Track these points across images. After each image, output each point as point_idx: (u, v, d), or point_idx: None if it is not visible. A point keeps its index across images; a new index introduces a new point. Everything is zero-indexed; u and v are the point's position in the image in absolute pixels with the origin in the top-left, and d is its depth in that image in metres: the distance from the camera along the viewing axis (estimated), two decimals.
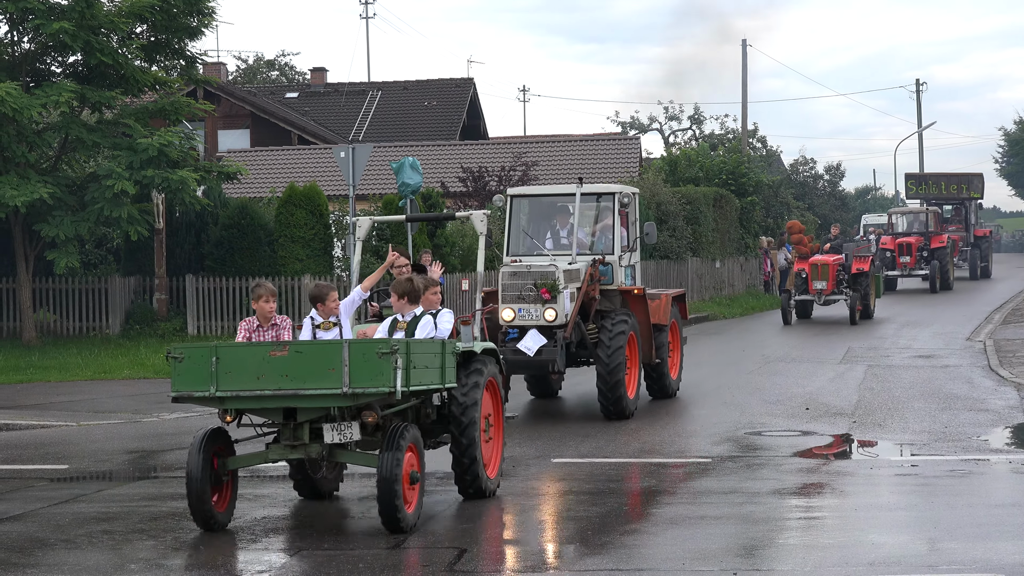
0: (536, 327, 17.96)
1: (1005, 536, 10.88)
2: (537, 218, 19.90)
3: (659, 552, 10.53)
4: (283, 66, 77.42)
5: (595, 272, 18.72)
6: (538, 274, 18.07)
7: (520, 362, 17.98)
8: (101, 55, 27.32)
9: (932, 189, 56.92)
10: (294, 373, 10.85)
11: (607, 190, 19.59)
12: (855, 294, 33.64)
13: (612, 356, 17.97)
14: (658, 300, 19.91)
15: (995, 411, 18.43)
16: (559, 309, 17.88)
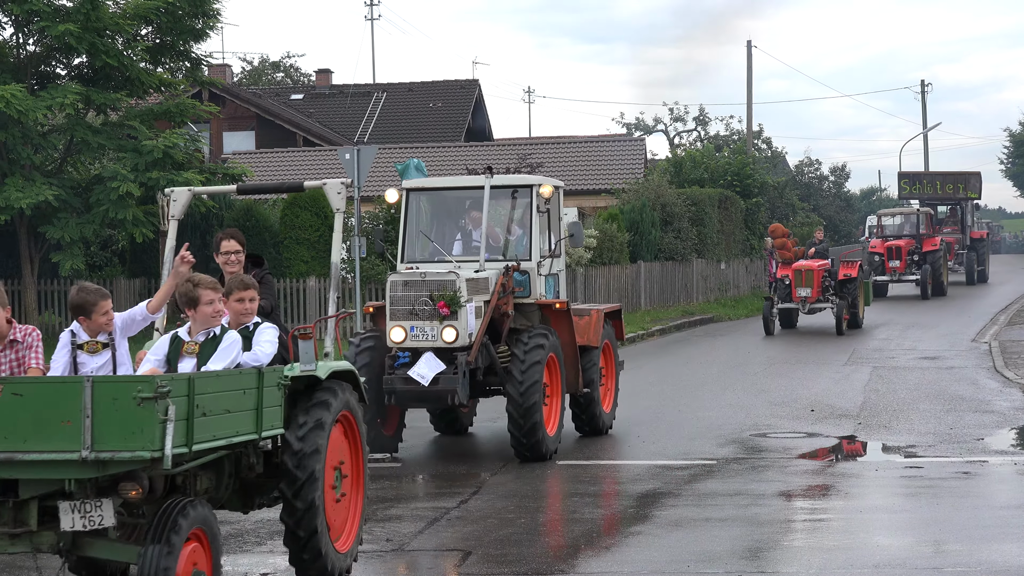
0: (432, 350, 14.87)
1: (1010, 538, 10.88)
2: (442, 217, 16.89)
3: (664, 554, 10.52)
4: (288, 68, 77.45)
5: (508, 282, 15.58)
6: (435, 284, 14.91)
7: (412, 393, 14.95)
8: (106, 57, 27.34)
9: (927, 189, 53.91)
10: (8, 426, 7.36)
11: (523, 182, 16.63)
12: (842, 302, 31.38)
13: (526, 383, 14.90)
14: (587, 317, 16.89)
15: (1001, 413, 18.42)
16: (461, 327, 14.82)
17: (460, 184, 17.48)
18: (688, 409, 19.50)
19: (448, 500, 12.99)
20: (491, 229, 16.43)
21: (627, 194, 42.73)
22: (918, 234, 46.56)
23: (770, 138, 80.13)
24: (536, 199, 16.18)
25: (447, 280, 14.95)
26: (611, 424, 17.41)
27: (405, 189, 16.61)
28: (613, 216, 38.72)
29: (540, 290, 16.16)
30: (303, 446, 8.98)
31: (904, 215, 49.00)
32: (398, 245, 16.50)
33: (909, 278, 45.16)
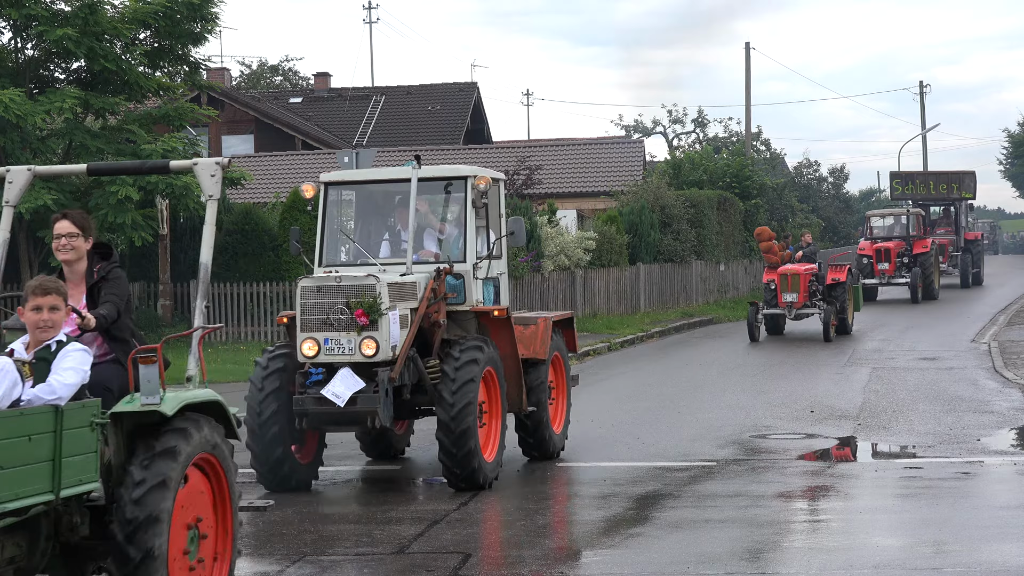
0: (350, 365, 13.17)
1: (1010, 538, 10.88)
2: (368, 215, 15.27)
3: (664, 556, 10.52)
4: (287, 71, 77.50)
5: (439, 287, 13.84)
6: (352, 289, 13.14)
7: (326, 415, 13.26)
8: (105, 61, 27.34)
9: (920, 189, 51.91)
10: None
11: (456, 173, 14.63)
12: (829, 307, 29.98)
13: (458, 404, 13.16)
14: (532, 326, 15.15)
15: (1000, 413, 18.42)
16: (382, 339, 13.07)
17: (384, 176, 15.59)
18: (688, 410, 19.50)
19: (448, 502, 12.99)
20: (429, 217, 14.86)
21: (626, 196, 42.77)
22: (908, 236, 45.15)
23: (769, 140, 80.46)
24: (471, 192, 14.22)
25: (366, 284, 13.17)
26: (563, 447, 15.73)
27: (323, 182, 14.86)
28: (612, 218, 38.74)
29: (477, 296, 14.36)
30: (137, 513, 7.14)
31: (894, 216, 47.36)
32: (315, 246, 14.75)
33: (899, 281, 43.81)
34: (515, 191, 39.60)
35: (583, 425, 18.21)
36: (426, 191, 14.64)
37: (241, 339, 29.67)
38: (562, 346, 15.97)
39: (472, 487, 13.45)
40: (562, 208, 40.40)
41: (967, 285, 49.80)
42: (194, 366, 8.11)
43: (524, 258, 32.08)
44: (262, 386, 13.54)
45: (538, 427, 15.15)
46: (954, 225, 51.98)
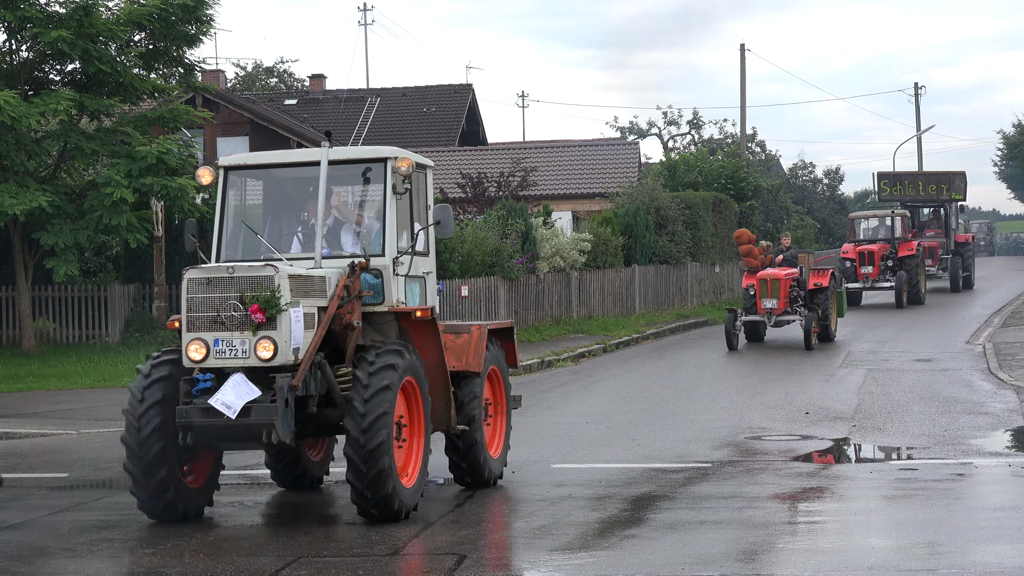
0: (243, 370, 11.52)
1: (1005, 539, 10.89)
2: (278, 208, 13.48)
3: (659, 557, 10.52)
4: (282, 73, 77.49)
5: (354, 284, 12.26)
6: (246, 282, 11.55)
7: (214, 429, 11.53)
8: (99, 63, 27.33)
9: (908, 190, 50.08)
10: None
11: (373, 155, 12.98)
12: (811, 314, 28.75)
13: (370, 416, 11.47)
14: (465, 335, 13.62)
15: (995, 414, 18.44)
16: (281, 339, 11.47)
17: (292, 159, 13.50)
18: (683, 412, 19.51)
19: (443, 503, 12.99)
20: (346, 210, 13.25)
21: (621, 198, 42.80)
22: (893, 238, 43.74)
23: (764, 141, 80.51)
24: (391, 177, 12.58)
25: (263, 276, 11.55)
26: (500, 473, 14.12)
27: (222, 167, 13.11)
28: (607, 220, 38.77)
29: (398, 296, 12.69)
30: None
31: (879, 218, 45.89)
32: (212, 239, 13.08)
33: (883, 285, 42.49)
34: (510, 193, 39.61)
35: (578, 426, 18.21)
36: (343, 178, 13.13)
37: None
38: (501, 359, 14.34)
39: (386, 517, 11.78)
40: (557, 210, 40.43)
41: (957, 289, 48.30)
42: None
43: (519, 260, 32.09)
44: (143, 397, 11.84)
45: (471, 449, 13.50)
46: (944, 227, 50.28)
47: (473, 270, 30.98)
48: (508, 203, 34.71)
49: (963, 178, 50.95)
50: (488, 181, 40.43)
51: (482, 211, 37.21)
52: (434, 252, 13.75)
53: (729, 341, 28.73)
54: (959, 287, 48.42)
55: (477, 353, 13.58)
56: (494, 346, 14.14)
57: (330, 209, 12.92)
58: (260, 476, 14.81)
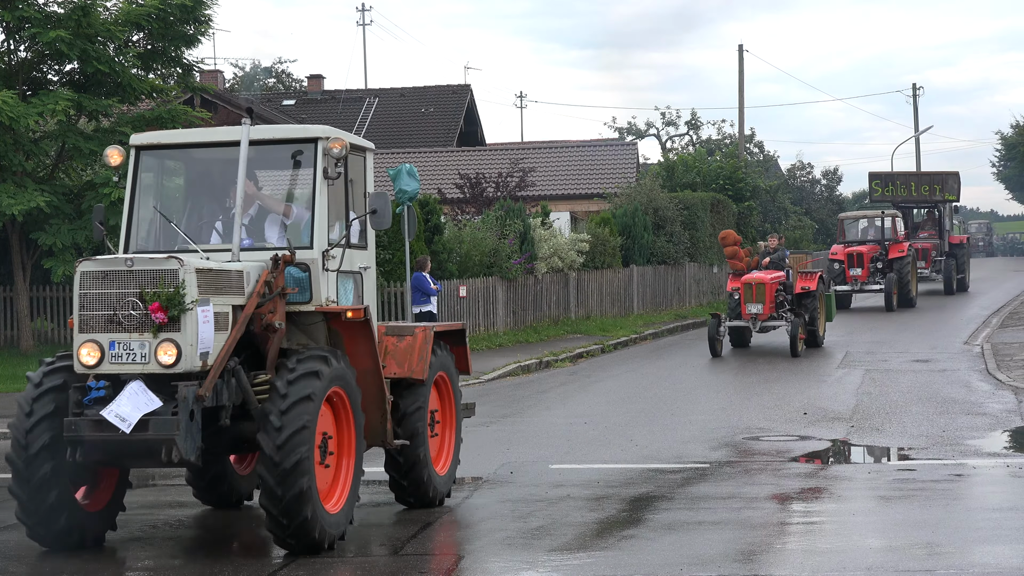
0: (142, 377, 10.21)
1: (1003, 540, 10.89)
2: (200, 191, 12.15)
3: (657, 558, 10.53)
4: (280, 73, 77.52)
5: (277, 280, 10.98)
6: (146, 276, 10.27)
7: (105, 445, 10.22)
8: (98, 63, 27.31)
9: (901, 191, 48.48)
10: None
11: (302, 134, 11.66)
12: (797, 319, 27.38)
13: (287, 431, 10.22)
14: (409, 338, 12.36)
15: (993, 415, 18.44)
16: (185, 342, 10.18)
17: (210, 139, 12.13)
18: (681, 412, 19.52)
19: (441, 505, 12.98)
20: (272, 197, 11.94)
21: (619, 198, 42.82)
22: (883, 239, 42.30)
23: (762, 142, 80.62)
24: (322, 160, 11.34)
25: (165, 270, 10.24)
26: (448, 492, 13.04)
27: (133, 146, 11.86)
28: (605, 220, 38.78)
29: (328, 294, 11.36)
30: None
31: (868, 219, 44.40)
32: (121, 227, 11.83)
33: (872, 288, 41.17)
34: (509, 193, 39.62)
35: (576, 426, 18.22)
36: (270, 161, 11.96)
37: None
38: (450, 366, 13.12)
39: (305, 546, 10.52)
40: (555, 210, 40.44)
41: (951, 292, 46.88)
42: None
43: (518, 260, 32.09)
44: (31, 409, 10.50)
45: (413, 466, 12.34)
46: (938, 228, 49.00)
47: (471, 270, 30.98)
48: (506, 203, 34.71)
49: (956, 178, 49.75)
50: (486, 181, 40.45)
51: (480, 211, 37.22)
52: (373, 245, 12.39)
53: (712, 347, 27.49)
54: (953, 289, 47.16)
55: (421, 359, 12.28)
56: (442, 351, 12.87)
57: (254, 195, 11.67)
58: None
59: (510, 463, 15.21)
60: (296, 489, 10.21)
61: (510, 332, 31.64)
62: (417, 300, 26.89)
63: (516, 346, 29.88)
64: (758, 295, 27.65)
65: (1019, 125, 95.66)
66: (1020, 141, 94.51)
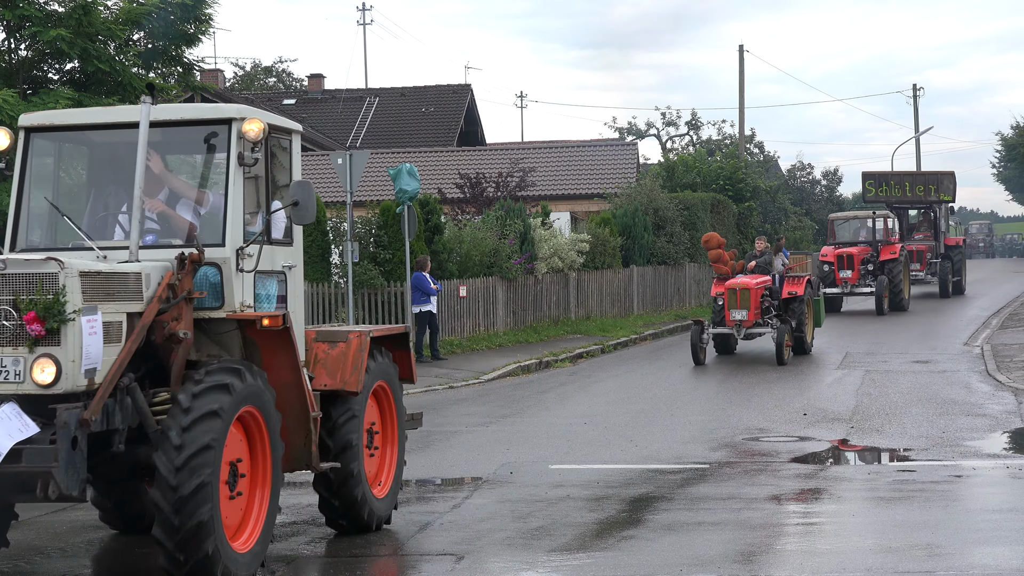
0: (15, 398, 8.83)
1: (1003, 541, 10.89)
2: (104, 179, 10.78)
3: (656, 558, 10.52)
4: (280, 73, 77.50)
5: (182, 282, 9.62)
6: (21, 280, 8.93)
7: None
8: (98, 62, 27.29)
9: (895, 191, 46.71)
10: None
11: (214, 114, 10.33)
12: (784, 326, 26.24)
13: (186, 452, 8.90)
14: (341, 345, 11.11)
15: (993, 416, 18.44)
16: (66, 358, 8.84)
17: (110, 119, 10.65)
18: (681, 413, 19.51)
19: (441, 504, 12.99)
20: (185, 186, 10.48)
21: (619, 198, 42.82)
22: (875, 241, 41.21)
23: (762, 142, 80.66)
24: (236, 144, 10.04)
25: (42, 273, 8.88)
26: (388, 516, 11.77)
27: (22, 127, 10.59)
28: (606, 220, 38.78)
29: (244, 297, 10.01)
30: None
31: (860, 219, 43.20)
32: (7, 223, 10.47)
33: (863, 290, 39.95)
34: (509, 193, 39.62)
35: (576, 427, 18.21)
36: (182, 145, 10.69)
37: None
38: (392, 374, 11.88)
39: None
40: (555, 210, 40.44)
41: (946, 295, 45.49)
42: None
43: (518, 260, 32.09)
44: None
45: (345, 483, 11.11)
46: (933, 230, 47.56)
47: (471, 271, 30.98)
48: (506, 203, 34.71)
49: (952, 178, 48.31)
50: (486, 181, 40.44)
51: (480, 211, 37.21)
52: (300, 241, 11.06)
53: (695, 355, 26.13)
54: (948, 292, 45.78)
55: (355, 368, 11.01)
56: (382, 357, 11.65)
57: (166, 182, 10.33)
58: None
59: (510, 463, 15.21)
60: (196, 519, 8.86)
61: (510, 332, 31.64)
62: (417, 300, 26.91)
63: (516, 346, 29.87)
64: (742, 300, 26.40)
65: (1019, 126, 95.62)
66: (1020, 142, 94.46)
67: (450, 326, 29.60)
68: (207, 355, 9.88)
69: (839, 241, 41.95)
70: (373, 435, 11.70)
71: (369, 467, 11.55)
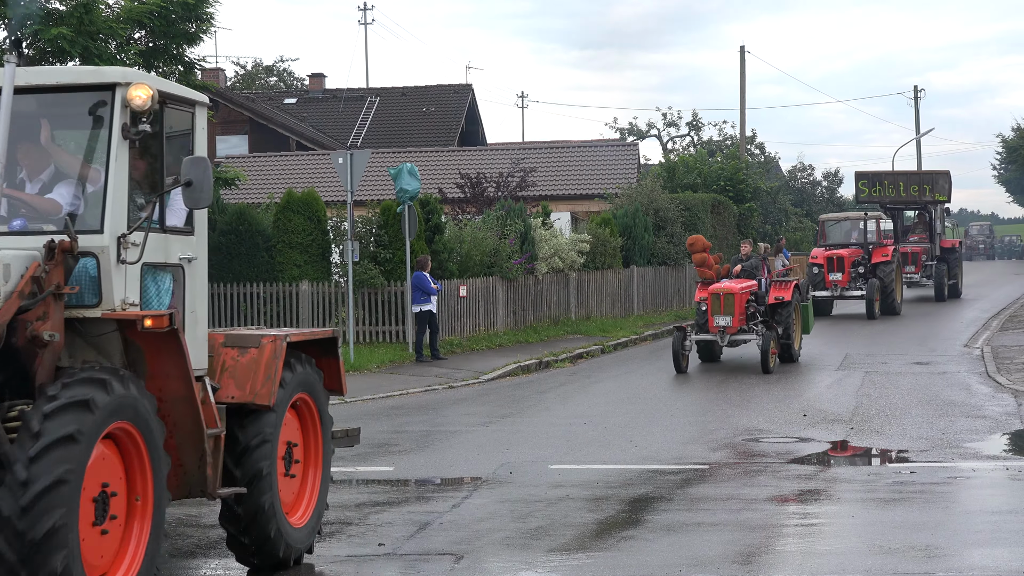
0: None
1: (1002, 543, 10.89)
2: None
3: (656, 559, 10.52)
4: (281, 72, 77.54)
5: (51, 274, 8.24)
6: None
7: None
8: (99, 61, 27.28)
9: (888, 191, 45.04)
10: None
11: (94, 79, 8.83)
12: (769, 332, 25.17)
13: (36, 478, 7.47)
14: (253, 350, 9.67)
15: (992, 418, 18.43)
16: None
17: None
18: (680, 413, 19.52)
19: (440, 504, 12.99)
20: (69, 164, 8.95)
21: (620, 199, 42.82)
22: (866, 242, 39.95)
23: (763, 143, 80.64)
24: (120, 113, 8.65)
25: None
26: (311, 547, 10.47)
27: None
28: (606, 221, 38.77)
29: (125, 294, 8.63)
30: None
31: (851, 220, 41.89)
32: None
33: (853, 294, 38.53)
34: (509, 193, 39.62)
35: (576, 427, 18.21)
36: (65, 116, 9.07)
37: None
38: (316, 385, 10.38)
39: None
40: (556, 210, 40.43)
41: (942, 298, 44.00)
42: None
43: (518, 260, 32.10)
44: None
45: (255, 519, 9.63)
46: (928, 231, 46.00)
47: (471, 270, 30.98)
48: (507, 203, 34.71)
49: (947, 178, 46.74)
50: (487, 181, 40.44)
51: (481, 211, 37.21)
52: (204, 230, 9.60)
53: (676, 363, 24.89)
54: (944, 296, 44.21)
55: (268, 378, 9.55)
56: (303, 366, 10.16)
57: (48, 158, 8.92)
58: None
59: (509, 463, 15.20)
60: (48, 570, 7.42)
61: (510, 332, 31.64)
62: (417, 299, 26.91)
63: (516, 346, 29.87)
64: (726, 306, 25.06)
65: (1020, 128, 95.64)
66: (1021, 144, 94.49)
67: (450, 326, 29.60)
68: (83, 361, 8.46)
69: (830, 243, 40.73)
70: (292, 454, 10.17)
71: (287, 492, 10.06)
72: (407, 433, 17.64)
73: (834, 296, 38.76)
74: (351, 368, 25.56)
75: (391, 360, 26.68)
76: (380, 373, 25.48)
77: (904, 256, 43.15)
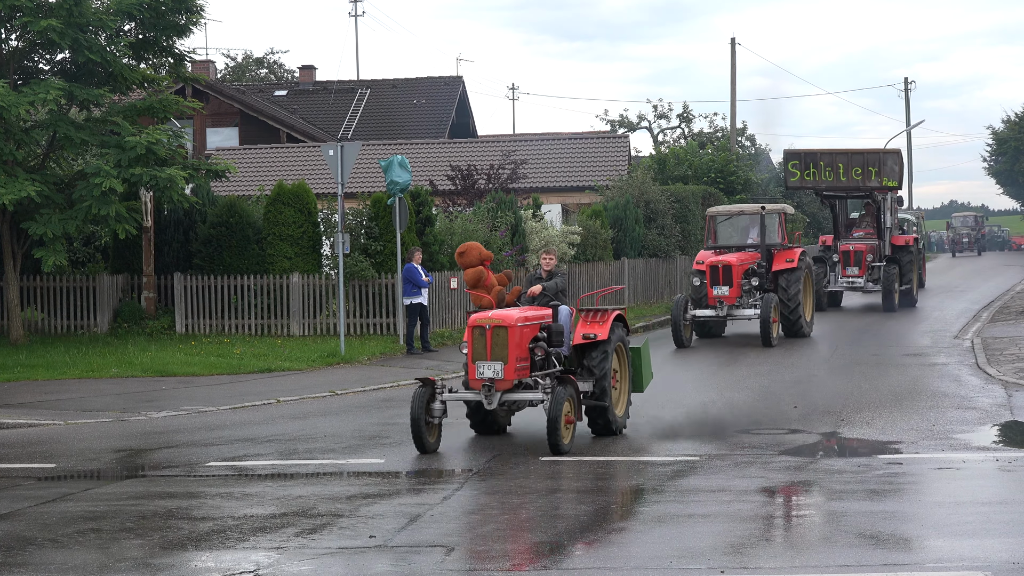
0: None
1: (992, 534, 10.91)
2: None
3: (647, 550, 10.54)
4: (272, 64, 77.42)
5: None
6: None
7: None
8: (89, 53, 27.26)
9: (825, 174, 37.18)
10: None
11: None
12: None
13: None
14: None
15: (982, 409, 18.47)
16: None
17: None
18: (671, 405, 19.52)
19: (431, 496, 12.99)
20: None
21: (611, 191, 42.83)
22: (765, 244, 30.41)
23: (754, 135, 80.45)
24: None
25: None
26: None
27: None
28: (597, 213, 38.78)
29: None
30: None
31: (748, 215, 31.57)
32: None
33: (743, 313, 29.04)
34: (500, 185, 39.61)
35: None
36: None
37: (225, 332, 29.65)
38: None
39: None
40: (547, 202, 40.44)
41: (891, 308, 36.23)
42: None
43: (509, 252, 32.09)
44: None
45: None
46: (875, 225, 38.59)
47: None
48: (498, 195, 34.71)
49: (897, 158, 38.15)
50: (478, 173, 40.43)
51: (471, 203, 37.21)
52: None
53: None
54: (894, 305, 36.39)
55: None
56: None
57: None
58: (247, 468, 14.81)
59: (500, 455, 15.20)
60: None
61: None
62: (408, 291, 26.90)
63: None
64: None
65: (1010, 120, 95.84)
66: (1011, 136, 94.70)
67: (441, 318, 29.60)
68: None
69: (719, 244, 31.28)
70: None
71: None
72: (398, 425, 17.61)
73: (719, 316, 29.20)
74: (342, 360, 25.56)
75: (382, 352, 26.68)
76: (371, 365, 25.48)
77: (846, 256, 37.32)
